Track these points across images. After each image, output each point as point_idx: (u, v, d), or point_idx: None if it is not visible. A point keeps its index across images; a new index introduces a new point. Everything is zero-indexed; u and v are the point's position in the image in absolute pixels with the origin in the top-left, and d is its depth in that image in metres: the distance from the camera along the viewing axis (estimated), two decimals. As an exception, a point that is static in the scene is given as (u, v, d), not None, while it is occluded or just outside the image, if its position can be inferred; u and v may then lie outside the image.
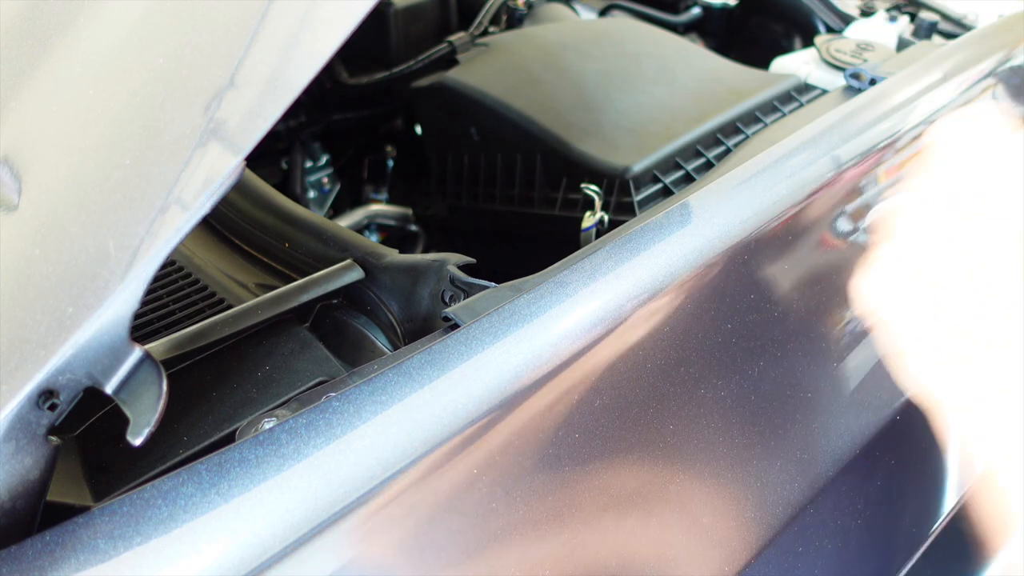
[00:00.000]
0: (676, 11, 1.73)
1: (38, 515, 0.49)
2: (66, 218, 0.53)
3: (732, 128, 1.13)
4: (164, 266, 0.81)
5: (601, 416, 0.61)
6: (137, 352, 0.49)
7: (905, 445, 0.77)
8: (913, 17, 1.41)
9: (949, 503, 0.82)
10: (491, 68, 1.30)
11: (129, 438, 0.49)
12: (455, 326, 0.63)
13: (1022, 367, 0.78)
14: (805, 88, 1.23)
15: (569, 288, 0.64)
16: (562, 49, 1.31)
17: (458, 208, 1.33)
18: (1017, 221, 0.92)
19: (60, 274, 0.50)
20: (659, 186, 1.06)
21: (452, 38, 1.43)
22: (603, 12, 1.71)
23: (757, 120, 1.15)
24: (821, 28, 1.50)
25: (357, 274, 0.80)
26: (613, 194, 1.05)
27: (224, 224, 0.98)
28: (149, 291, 0.69)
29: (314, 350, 0.75)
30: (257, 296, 0.78)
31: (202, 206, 0.50)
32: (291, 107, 0.55)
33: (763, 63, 1.34)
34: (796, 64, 1.28)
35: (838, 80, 1.20)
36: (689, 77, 1.23)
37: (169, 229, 0.49)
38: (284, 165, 1.60)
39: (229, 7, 0.57)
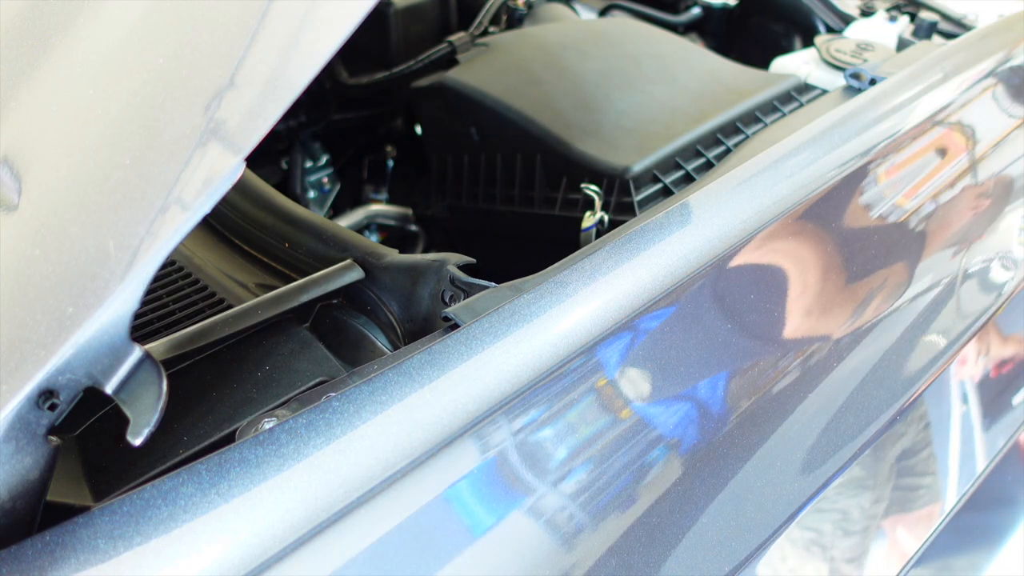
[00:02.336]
0: (676, 11, 1.73)
1: (38, 515, 0.49)
2: (66, 218, 0.53)
3: (732, 128, 1.13)
4: (164, 266, 0.81)
5: (601, 416, 0.61)
6: (137, 352, 0.49)
7: (905, 445, 0.77)
8: (913, 17, 1.41)
9: (949, 502, 0.82)
10: (491, 68, 1.30)
11: (129, 438, 0.49)
12: (455, 326, 0.63)
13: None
14: (805, 88, 1.23)
15: (569, 288, 0.64)
16: (562, 49, 1.31)
17: (458, 208, 1.33)
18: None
19: (60, 274, 0.50)
20: (659, 186, 1.06)
21: (452, 38, 1.43)
22: (603, 12, 1.71)
23: (757, 120, 1.15)
24: (821, 28, 1.50)
25: (357, 274, 0.80)
26: (613, 194, 1.05)
27: (224, 224, 0.98)
28: (149, 291, 0.69)
29: (314, 350, 0.75)
30: (257, 296, 0.78)
31: (202, 206, 0.50)
32: (291, 107, 0.55)
33: (763, 63, 1.34)
34: (796, 64, 1.28)
35: (838, 80, 1.20)
36: (689, 77, 1.23)
37: (169, 229, 0.49)
38: (284, 165, 1.60)
39: (229, 7, 0.57)
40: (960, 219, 0.89)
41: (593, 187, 0.98)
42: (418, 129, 1.64)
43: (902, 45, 1.33)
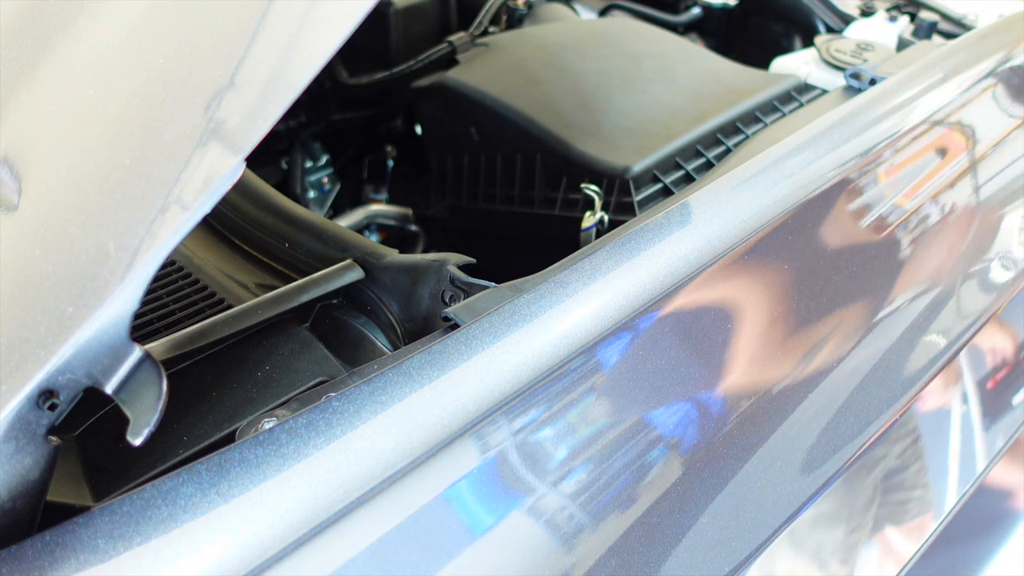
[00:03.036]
0: (676, 11, 1.73)
1: (38, 515, 0.49)
2: (66, 218, 0.53)
3: (732, 128, 1.13)
4: (164, 266, 0.81)
5: (601, 416, 0.61)
6: (137, 352, 0.49)
7: (905, 445, 0.77)
8: (913, 17, 1.41)
9: (949, 503, 0.82)
10: (491, 68, 1.30)
11: (129, 438, 0.49)
12: (455, 326, 0.63)
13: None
14: (805, 88, 1.23)
15: (569, 288, 0.64)
16: (562, 49, 1.31)
17: (458, 208, 1.33)
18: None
19: (60, 274, 0.50)
20: (659, 186, 1.06)
21: (452, 38, 1.43)
22: (603, 12, 1.71)
23: (757, 120, 1.15)
24: (821, 28, 1.50)
25: (357, 274, 0.80)
26: (613, 194, 1.05)
27: (224, 224, 0.98)
28: (149, 291, 0.69)
29: (314, 350, 0.75)
30: (257, 296, 0.78)
31: (202, 206, 0.50)
32: (291, 107, 0.55)
33: (763, 63, 1.34)
34: (796, 64, 1.28)
35: (838, 80, 1.20)
36: (689, 77, 1.23)
37: (169, 229, 0.49)
38: (284, 165, 1.60)
39: (229, 7, 0.57)
40: (960, 219, 0.89)
41: (593, 187, 0.98)
42: (418, 129, 1.64)
43: (902, 45, 1.33)
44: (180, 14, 0.59)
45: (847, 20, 1.45)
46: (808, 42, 1.51)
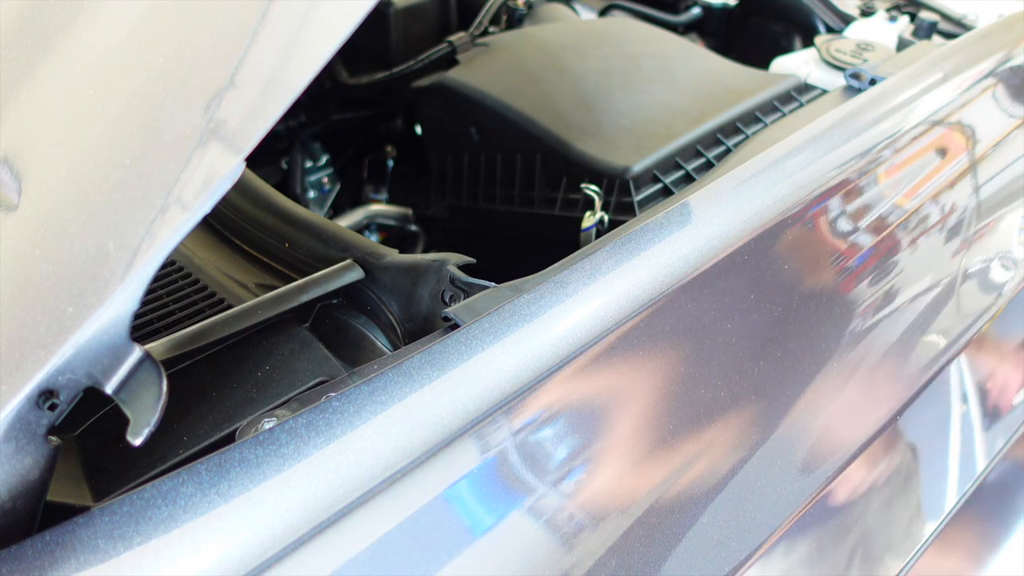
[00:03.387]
0: (676, 11, 1.73)
1: (38, 515, 0.49)
2: (66, 218, 0.53)
3: (732, 128, 1.13)
4: (164, 266, 0.81)
5: (601, 416, 0.61)
6: (137, 352, 0.49)
7: (906, 444, 0.77)
8: (913, 17, 1.41)
9: (949, 503, 0.82)
10: (491, 68, 1.30)
11: (129, 438, 0.49)
12: (455, 326, 0.63)
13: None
14: (805, 88, 1.23)
15: (569, 288, 0.64)
16: (562, 49, 1.31)
17: (458, 208, 1.33)
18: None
19: (60, 274, 0.50)
20: (659, 186, 1.06)
21: (452, 38, 1.43)
22: (603, 12, 1.71)
23: (757, 120, 1.15)
24: (821, 28, 1.50)
25: (357, 274, 0.80)
26: (613, 194, 1.05)
27: (224, 224, 0.98)
28: (149, 291, 0.69)
29: (314, 350, 0.75)
30: (257, 296, 0.78)
31: (202, 206, 0.50)
32: (291, 107, 0.55)
33: (763, 63, 1.34)
34: (796, 64, 1.27)
35: (838, 80, 1.20)
36: (689, 77, 1.23)
37: (169, 229, 0.49)
38: (284, 165, 1.60)
39: (229, 7, 0.57)
40: (960, 219, 0.89)
41: (593, 187, 0.98)
42: (418, 129, 1.64)
43: (902, 45, 1.33)
44: (180, 14, 0.60)
45: (847, 20, 1.45)
46: (808, 42, 1.51)
